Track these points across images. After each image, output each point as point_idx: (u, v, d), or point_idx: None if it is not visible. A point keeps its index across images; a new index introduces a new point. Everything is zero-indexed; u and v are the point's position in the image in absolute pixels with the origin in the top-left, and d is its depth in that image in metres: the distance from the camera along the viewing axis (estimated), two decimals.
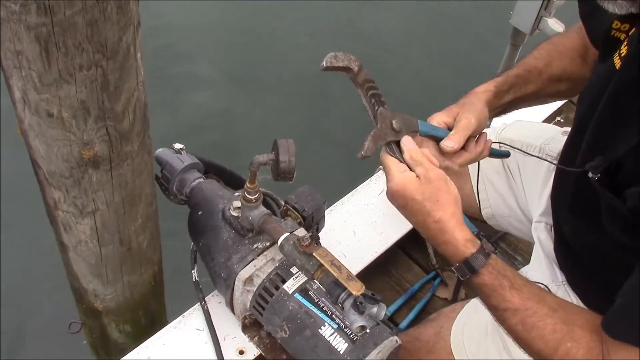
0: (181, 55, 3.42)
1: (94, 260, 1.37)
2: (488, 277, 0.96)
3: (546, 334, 0.93)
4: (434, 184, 1.00)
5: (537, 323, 0.93)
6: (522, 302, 0.95)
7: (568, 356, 0.91)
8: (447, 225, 0.98)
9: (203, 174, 1.51)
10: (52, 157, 1.08)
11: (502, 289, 0.96)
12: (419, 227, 1.03)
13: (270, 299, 1.23)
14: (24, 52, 0.88)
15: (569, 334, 0.92)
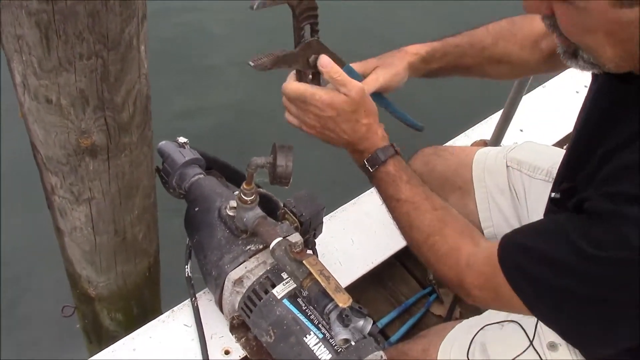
0: (205, 45, 3.41)
1: (88, 248, 1.36)
2: (392, 167, 1.08)
3: (422, 226, 1.05)
4: (359, 99, 1.07)
5: (419, 216, 1.05)
6: (413, 196, 1.06)
7: (433, 248, 1.04)
8: (374, 126, 1.10)
9: (206, 169, 1.50)
10: (50, 142, 1.08)
11: (400, 180, 1.08)
12: (346, 132, 1.09)
13: (259, 302, 1.22)
14: (24, 37, 0.88)
15: (439, 230, 1.03)
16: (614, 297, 0.85)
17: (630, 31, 0.81)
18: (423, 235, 1.06)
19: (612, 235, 0.82)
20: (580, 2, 0.81)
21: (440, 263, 1.05)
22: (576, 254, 0.85)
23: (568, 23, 0.86)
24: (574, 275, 0.86)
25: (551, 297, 0.91)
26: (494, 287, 0.96)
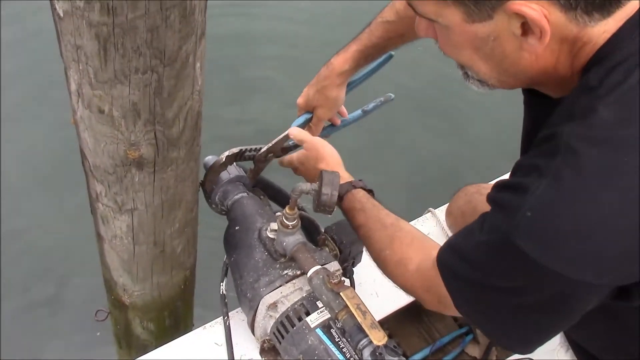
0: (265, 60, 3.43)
1: (127, 256, 1.37)
2: (346, 202, 1.21)
3: (375, 243, 1.16)
4: (314, 149, 1.29)
5: (372, 235, 1.17)
6: (366, 220, 1.18)
7: (385, 261, 1.15)
8: (333, 166, 1.24)
9: (251, 186, 1.49)
10: (99, 151, 1.08)
11: (354, 210, 1.20)
12: (312, 172, 1.28)
13: (291, 329, 1.19)
14: (83, 47, 0.88)
15: (389, 245, 1.13)
16: (499, 284, 0.88)
17: (489, 46, 0.85)
18: (376, 251, 1.16)
19: (489, 220, 0.88)
20: (443, 20, 0.85)
21: (393, 274, 1.15)
22: (475, 244, 0.90)
23: (443, 42, 0.93)
24: (475, 266, 0.91)
25: (469, 292, 0.95)
26: (436, 289, 1.00)
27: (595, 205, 0.75)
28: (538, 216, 0.78)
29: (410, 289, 1.13)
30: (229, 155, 1.36)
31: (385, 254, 1.14)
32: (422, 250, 1.10)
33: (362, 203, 1.20)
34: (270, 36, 3.55)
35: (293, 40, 3.53)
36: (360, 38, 1.37)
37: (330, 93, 1.39)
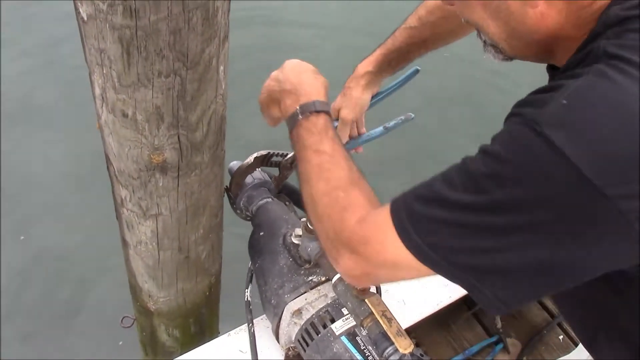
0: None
1: (151, 262, 1.36)
2: (323, 120, 1.03)
3: (332, 178, 0.98)
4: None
5: (333, 169, 0.99)
6: (333, 151, 1.00)
7: (334, 200, 0.95)
8: (325, 92, 1.07)
9: (276, 192, 1.48)
10: (123, 156, 1.08)
11: (326, 135, 1.02)
12: (298, 80, 1.07)
13: (316, 337, 1.17)
14: (106, 50, 0.88)
15: (347, 188, 0.96)
16: (489, 217, 0.74)
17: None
18: (329, 187, 0.97)
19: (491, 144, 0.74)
20: None
21: (330, 218, 0.95)
22: (461, 170, 0.78)
23: (454, 1, 0.90)
24: (456, 202, 0.76)
25: (444, 237, 0.77)
26: (373, 246, 0.85)
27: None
28: (577, 102, 0.68)
29: (338, 242, 0.93)
30: (257, 157, 1.35)
31: (338, 195, 0.97)
32: (377, 206, 0.93)
33: (335, 134, 1.05)
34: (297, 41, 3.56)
35: (320, 45, 3.53)
36: (385, 43, 1.38)
37: (353, 93, 1.38)
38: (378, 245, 0.85)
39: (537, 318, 1.63)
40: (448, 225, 0.76)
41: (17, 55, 3.25)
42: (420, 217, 0.79)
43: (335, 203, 0.96)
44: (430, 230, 0.78)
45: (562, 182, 0.67)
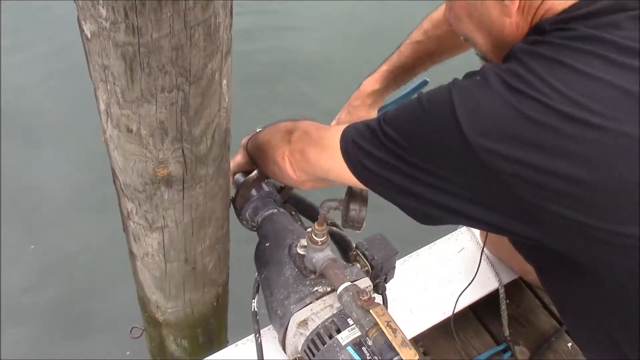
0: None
1: (158, 274, 1.37)
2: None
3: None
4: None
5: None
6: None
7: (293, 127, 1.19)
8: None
9: (282, 202, 1.49)
10: (128, 170, 1.09)
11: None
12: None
13: (322, 347, 1.17)
14: (110, 67, 0.89)
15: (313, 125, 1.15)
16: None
17: (479, 11, 0.92)
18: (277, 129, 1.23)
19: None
20: None
21: (283, 135, 1.19)
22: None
23: (451, 16, 1.00)
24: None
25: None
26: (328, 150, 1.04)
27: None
28: (478, 78, 0.86)
29: (286, 147, 1.16)
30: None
31: (286, 126, 1.19)
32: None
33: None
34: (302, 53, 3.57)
35: (327, 56, 3.54)
36: (390, 59, 1.39)
37: (360, 113, 1.39)
38: (323, 153, 1.05)
39: (545, 325, 1.63)
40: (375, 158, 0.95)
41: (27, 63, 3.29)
42: (358, 144, 0.97)
43: (286, 129, 1.18)
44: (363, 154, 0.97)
45: (444, 124, 0.85)
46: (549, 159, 0.79)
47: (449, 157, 0.86)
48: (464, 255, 1.61)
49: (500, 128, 0.81)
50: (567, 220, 0.82)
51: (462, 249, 1.62)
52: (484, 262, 1.59)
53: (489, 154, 0.82)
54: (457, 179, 0.87)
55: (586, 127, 0.78)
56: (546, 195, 0.81)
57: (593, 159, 0.78)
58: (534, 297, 1.69)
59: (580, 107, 0.79)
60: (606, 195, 0.79)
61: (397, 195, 0.96)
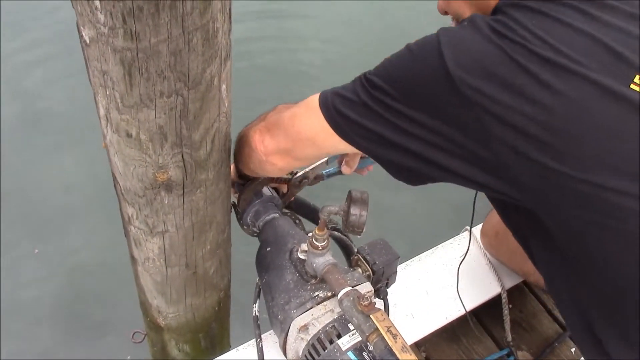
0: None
1: (160, 279, 1.37)
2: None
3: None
4: None
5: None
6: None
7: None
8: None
9: (284, 207, 1.49)
10: (128, 175, 1.09)
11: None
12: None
13: (323, 352, 1.17)
14: (109, 72, 0.89)
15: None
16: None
17: None
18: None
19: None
20: None
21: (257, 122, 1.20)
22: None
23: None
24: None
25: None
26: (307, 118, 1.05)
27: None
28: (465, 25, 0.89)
29: (264, 129, 1.16)
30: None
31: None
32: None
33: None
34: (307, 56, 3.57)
35: (332, 59, 3.54)
36: None
37: None
38: (298, 111, 1.07)
39: (548, 330, 1.62)
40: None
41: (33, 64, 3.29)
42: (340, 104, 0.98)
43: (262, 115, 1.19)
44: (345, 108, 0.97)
45: (429, 63, 0.87)
46: (525, 102, 0.82)
47: (435, 100, 0.88)
48: (466, 260, 1.60)
49: (484, 66, 0.84)
50: (535, 164, 0.84)
51: (466, 254, 1.61)
52: (486, 266, 1.59)
53: (471, 89, 0.84)
54: (441, 127, 0.89)
55: (563, 72, 0.81)
56: (517, 136, 0.83)
57: (564, 105, 0.81)
58: (537, 302, 1.68)
59: (560, 54, 0.82)
60: (572, 140, 0.82)
61: (377, 147, 0.97)
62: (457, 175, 0.92)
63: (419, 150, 0.92)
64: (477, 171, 0.90)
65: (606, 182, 0.82)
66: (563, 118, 0.82)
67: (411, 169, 0.96)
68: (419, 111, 0.90)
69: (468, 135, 0.87)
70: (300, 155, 1.13)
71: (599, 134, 0.81)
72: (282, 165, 1.17)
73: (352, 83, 0.98)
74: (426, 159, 0.92)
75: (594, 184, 0.82)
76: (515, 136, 0.84)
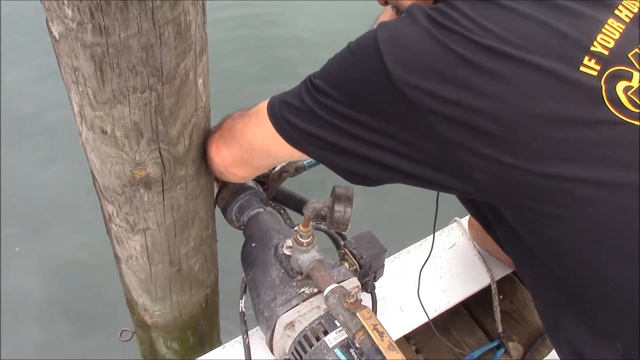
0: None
1: (144, 276, 1.35)
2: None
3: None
4: None
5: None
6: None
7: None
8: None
9: (271, 199, 1.47)
10: (106, 172, 1.06)
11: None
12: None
13: (309, 349, 1.15)
14: (80, 68, 0.86)
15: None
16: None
17: None
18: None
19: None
20: None
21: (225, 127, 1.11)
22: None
23: None
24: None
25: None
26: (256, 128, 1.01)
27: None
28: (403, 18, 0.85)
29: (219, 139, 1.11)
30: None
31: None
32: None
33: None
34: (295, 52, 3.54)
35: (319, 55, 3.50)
36: None
37: None
38: (249, 121, 1.02)
39: (539, 321, 1.60)
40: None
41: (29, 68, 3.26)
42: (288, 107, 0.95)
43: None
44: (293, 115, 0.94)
45: (369, 65, 0.83)
46: (470, 95, 0.78)
47: (377, 101, 0.84)
48: (454, 250, 1.58)
49: (423, 62, 0.80)
50: (486, 159, 0.80)
51: (453, 245, 1.60)
52: (475, 257, 1.57)
53: (411, 88, 0.80)
54: (386, 127, 0.85)
55: (507, 60, 0.78)
56: (467, 133, 0.80)
57: (511, 94, 0.78)
58: (527, 293, 1.66)
59: (503, 41, 0.78)
60: (523, 131, 0.78)
61: (330, 155, 0.93)
62: (411, 176, 0.88)
63: (370, 154, 0.88)
64: (429, 171, 0.86)
65: (561, 172, 0.78)
66: (511, 109, 0.78)
67: (366, 174, 0.92)
68: (363, 114, 0.86)
69: (415, 135, 0.84)
70: (259, 165, 1.10)
71: (551, 123, 0.78)
72: (243, 174, 1.14)
73: (298, 87, 0.94)
74: (377, 162, 0.89)
75: (549, 175, 0.79)
76: (462, 132, 0.80)
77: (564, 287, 0.90)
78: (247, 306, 1.36)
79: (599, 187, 0.78)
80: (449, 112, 0.79)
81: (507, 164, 0.80)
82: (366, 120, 0.86)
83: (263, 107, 0.99)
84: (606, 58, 0.79)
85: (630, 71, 0.80)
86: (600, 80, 0.78)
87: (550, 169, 0.78)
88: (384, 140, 0.86)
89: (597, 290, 0.84)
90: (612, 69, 0.79)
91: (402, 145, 0.85)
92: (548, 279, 0.93)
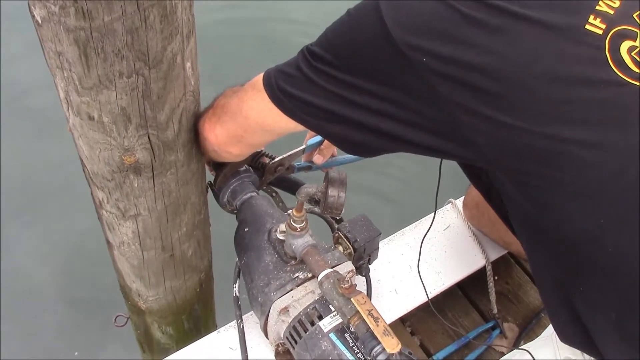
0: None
1: (136, 262, 1.33)
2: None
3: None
4: None
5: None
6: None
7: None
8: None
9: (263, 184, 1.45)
10: (95, 158, 1.05)
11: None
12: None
13: (304, 334, 1.14)
14: (64, 53, 0.84)
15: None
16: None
17: None
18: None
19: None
20: None
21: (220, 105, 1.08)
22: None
23: None
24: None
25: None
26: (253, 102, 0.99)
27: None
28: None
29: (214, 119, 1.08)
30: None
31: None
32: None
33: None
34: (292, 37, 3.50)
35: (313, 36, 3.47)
36: None
37: None
38: (245, 95, 1.01)
39: (534, 301, 1.60)
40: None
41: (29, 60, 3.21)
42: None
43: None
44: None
45: (369, 26, 0.81)
46: (472, 53, 0.77)
47: (376, 63, 0.82)
48: (449, 232, 1.57)
49: (425, 20, 0.78)
50: (486, 120, 0.79)
51: (448, 227, 1.59)
52: (470, 239, 1.56)
53: (411, 48, 0.78)
54: (386, 91, 0.83)
55: (513, 17, 0.76)
56: (467, 94, 0.78)
57: (514, 51, 0.76)
58: (522, 273, 1.66)
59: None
60: (524, 91, 0.77)
61: (327, 124, 0.91)
62: (411, 143, 0.86)
63: (367, 121, 0.86)
64: (430, 137, 0.84)
65: (562, 133, 0.77)
66: (513, 66, 0.76)
67: (363, 143, 0.90)
68: (363, 78, 0.84)
69: (415, 99, 0.82)
70: (253, 141, 1.08)
71: (552, 82, 0.76)
72: (237, 152, 1.12)
73: (295, 57, 0.92)
74: (376, 130, 0.87)
75: (549, 136, 0.77)
76: (462, 92, 0.78)
77: (562, 254, 0.88)
78: (241, 291, 1.35)
79: (600, 150, 0.76)
80: (450, 72, 0.78)
81: (508, 125, 0.78)
82: (367, 86, 0.84)
83: (259, 79, 0.97)
84: (611, 17, 0.77)
85: (635, 31, 0.78)
86: (605, 40, 0.77)
87: (551, 130, 0.77)
88: (383, 105, 0.84)
89: (595, 257, 0.83)
90: (616, 28, 0.77)
91: (402, 110, 0.84)
92: (546, 246, 0.91)
